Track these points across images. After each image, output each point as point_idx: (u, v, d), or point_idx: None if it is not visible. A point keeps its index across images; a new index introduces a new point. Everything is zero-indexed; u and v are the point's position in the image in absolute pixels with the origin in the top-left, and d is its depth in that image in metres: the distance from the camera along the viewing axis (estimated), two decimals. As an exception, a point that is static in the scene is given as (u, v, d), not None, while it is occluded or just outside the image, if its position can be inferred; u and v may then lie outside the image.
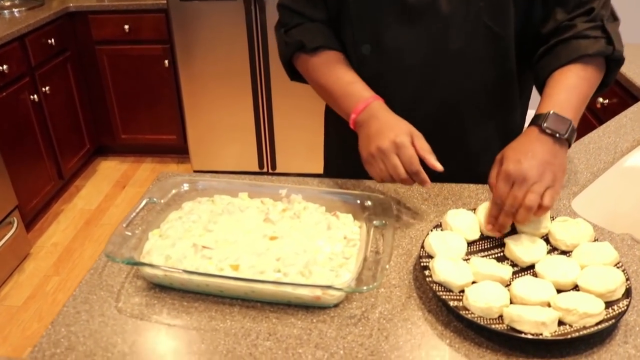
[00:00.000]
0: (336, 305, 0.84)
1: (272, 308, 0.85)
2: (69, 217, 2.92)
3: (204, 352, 0.78)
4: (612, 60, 1.03)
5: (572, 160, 1.25)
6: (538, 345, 0.77)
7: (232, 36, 2.73)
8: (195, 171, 3.16)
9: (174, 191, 1.04)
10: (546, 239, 0.95)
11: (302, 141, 2.98)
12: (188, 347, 0.79)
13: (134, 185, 3.19)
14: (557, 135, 0.93)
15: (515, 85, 1.13)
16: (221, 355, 0.77)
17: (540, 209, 0.89)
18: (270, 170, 3.07)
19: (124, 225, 0.94)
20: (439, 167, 0.95)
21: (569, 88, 0.98)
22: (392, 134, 0.95)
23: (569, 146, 0.96)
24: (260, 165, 3.06)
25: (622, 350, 0.76)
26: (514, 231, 0.96)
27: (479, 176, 1.07)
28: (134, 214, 0.98)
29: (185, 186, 1.05)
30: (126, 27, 2.94)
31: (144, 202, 1.00)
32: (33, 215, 2.76)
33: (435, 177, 0.98)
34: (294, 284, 0.81)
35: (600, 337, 0.78)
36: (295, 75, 1.21)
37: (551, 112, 0.94)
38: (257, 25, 2.69)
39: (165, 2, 2.81)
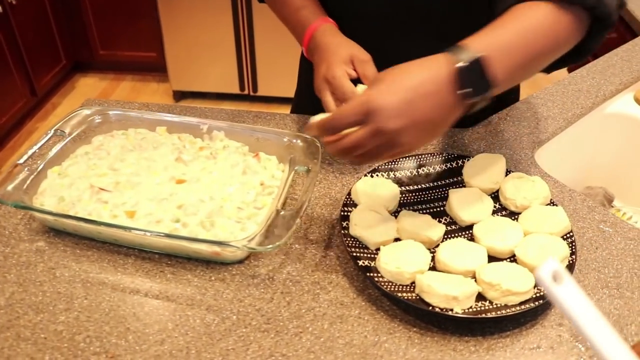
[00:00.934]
0: (241, 262, 0.75)
1: (169, 261, 0.76)
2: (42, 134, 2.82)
3: (85, 309, 0.69)
4: (596, 18, 0.73)
5: (546, 104, 1.12)
6: (453, 321, 0.68)
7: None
8: (174, 91, 3.03)
9: (88, 122, 0.93)
10: (495, 196, 0.84)
11: (284, 63, 2.80)
12: (69, 302, 0.70)
13: (112, 104, 3.07)
14: (465, 91, 0.64)
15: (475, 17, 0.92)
16: (103, 313, 0.69)
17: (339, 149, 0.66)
18: (251, 93, 2.93)
19: (21, 161, 0.83)
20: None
21: (522, 30, 0.69)
22: (323, 70, 0.84)
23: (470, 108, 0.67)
24: (242, 87, 2.92)
25: (554, 334, 0.67)
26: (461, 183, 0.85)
27: None
28: (36, 147, 0.87)
29: (98, 118, 0.93)
30: None
31: (50, 135, 0.90)
32: (4, 133, 2.67)
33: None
34: (187, 238, 0.71)
35: (519, 320, 0.69)
36: None
37: (477, 57, 0.64)
38: None
39: None
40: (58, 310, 0.69)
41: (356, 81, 0.82)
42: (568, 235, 0.75)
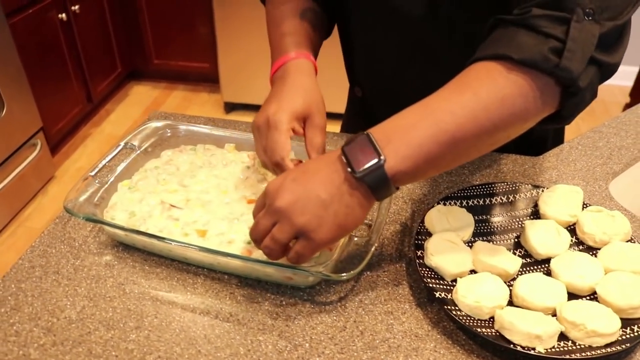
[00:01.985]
0: (312, 287, 0.74)
1: (239, 283, 0.75)
2: (96, 141, 2.89)
3: (156, 328, 0.69)
4: (562, 84, 0.61)
5: (619, 133, 1.08)
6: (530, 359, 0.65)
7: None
8: (225, 102, 3.06)
9: (157, 136, 0.93)
10: (572, 229, 0.81)
11: (336, 76, 2.80)
12: (140, 320, 0.70)
13: (164, 111, 3.11)
14: (349, 168, 0.60)
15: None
16: (173, 333, 0.68)
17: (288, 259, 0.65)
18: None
19: (92, 173, 0.84)
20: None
21: (448, 104, 0.60)
22: (273, 109, 0.74)
23: (374, 197, 0.62)
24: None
25: (639, 381, 0.63)
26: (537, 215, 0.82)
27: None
28: (105, 160, 0.88)
29: (168, 132, 0.94)
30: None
31: (119, 147, 0.90)
32: (60, 138, 2.74)
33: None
34: (261, 262, 0.70)
35: (616, 358, 0.65)
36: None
37: (368, 133, 0.62)
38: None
39: None
40: (129, 327, 0.69)
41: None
42: (654, 275, 0.72)
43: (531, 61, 0.59)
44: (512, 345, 0.63)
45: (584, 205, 0.82)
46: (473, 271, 0.74)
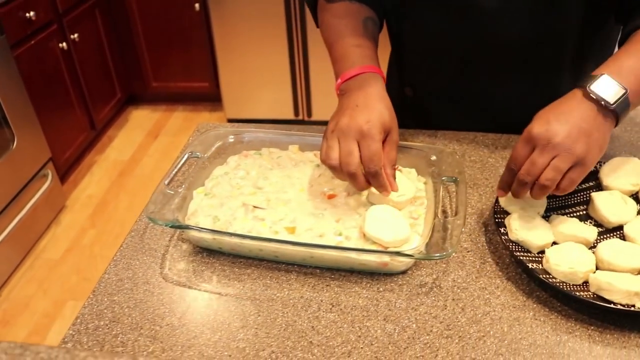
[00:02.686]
0: (404, 272, 0.76)
1: (332, 275, 0.77)
2: (103, 168, 2.89)
3: (262, 325, 0.71)
4: None
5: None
6: (632, 317, 0.68)
7: (265, -24, 2.58)
8: (228, 120, 3.08)
9: (217, 144, 0.95)
10: (635, 197, 0.84)
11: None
12: (243, 319, 0.72)
13: (166, 134, 3.12)
14: (603, 102, 0.73)
15: (568, 54, 0.96)
16: (280, 328, 0.70)
17: (556, 189, 0.73)
18: (306, 118, 2.96)
19: (165, 182, 0.86)
20: (394, 187, 0.79)
21: None
22: (365, 117, 0.79)
23: (617, 123, 0.76)
24: (296, 113, 2.96)
25: None
26: (599, 187, 0.86)
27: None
28: (176, 169, 0.90)
29: (231, 138, 0.96)
30: (154, -32, 2.81)
31: (185, 157, 0.92)
32: (67, 167, 2.73)
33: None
34: (359, 250, 0.73)
35: None
36: None
37: (604, 74, 0.74)
38: (291, -37, 2.53)
39: (194, -59, 2.67)
40: (234, 327, 0.71)
41: None
42: None
43: None
44: (612, 305, 0.66)
45: (645, 174, 0.86)
46: (554, 243, 0.77)
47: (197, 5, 2.87)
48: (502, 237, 0.76)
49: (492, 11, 0.89)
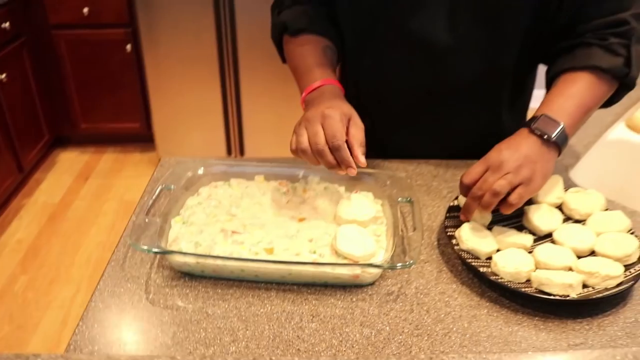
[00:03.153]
0: (372, 284, 0.86)
1: (309, 290, 0.85)
2: (32, 212, 2.81)
3: (251, 338, 0.77)
4: (623, 83, 0.98)
5: (565, 133, 1.30)
6: (567, 306, 0.81)
7: (199, 18, 2.66)
8: (161, 159, 3.08)
9: (187, 176, 1.02)
10: (560, 208, 0.99)
11: (270, 125, 2.96)
12: (233, 334, 0.78)
13: (97, 176, 3.09)
14: (545, 136, 0.89)
15: (508, 84, 1.11)
16: (268, 340, 0.77)
17: (505, 204, 0.87)
18: (238, 156, 3.04)
19: (143, 213, 0.91)
20: (362, 161, 0.87)
21: (571, 94, 0.95)
22: (324, 106, 0.91)
23: (559, 153, 0.93)
24: (229, 151, 3.02)
25: (644, 309, 0.81)
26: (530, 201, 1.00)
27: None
28: (151, 201, 0.95)
29: (200, 170, 1.03)
30: (85, 10, 2.82)
31: (159, 189, 0.98)
32: (-7, 211, 2.65)
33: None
34: (334, 264, 0.82)
35: (622, 297, 0.83)
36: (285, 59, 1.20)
37: (543, 114, 0.92)
38: (224, 6, 2.63)
39: (127, -16, 2.73)
40: (225, 342, 0.77)
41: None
42: (631, 231, 0.91)
43: (614, 69, 0.95)
44: (552, 297, 0.79)
45: (565, 191, 1.01)
46: (498, 250, 0.89)
47: (128, 46, 2.91)
48: (455, 247, 0.88)
49: (445, 50, 1.03)
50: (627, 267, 0.84)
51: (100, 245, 2.58)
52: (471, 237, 0.88)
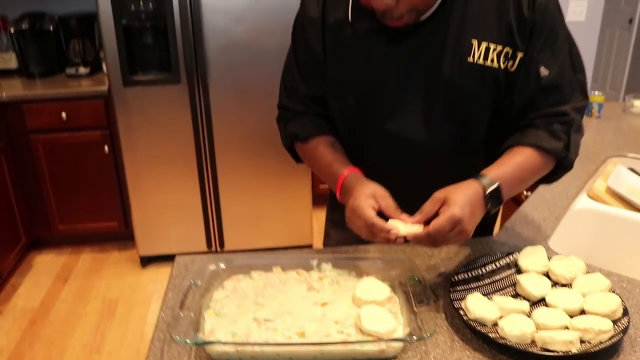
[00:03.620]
0: (394, 357, 0.95)
1: (340, 367, 0.94)
2: (10, 318, 2.77)
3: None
4: (561, 163, 1.16)
5: (537, 209, 1.46)
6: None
7: (176, 118, 2.80)
8: (141, 257, 3.12)
9: (209, 271, 1.11)
10: (547, 275, 1.12)
11: (248, 217, 3.06)
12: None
13: (76, 277, 3.08)
14: (488, 205, 1.05)
15: (479, 168, 1.22)
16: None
17: (435, 244, 1.03)
18: (218, 249, 3.10)
19: (177, 308, 0.99)
20: (404, 218, 1.05)
21: (518, 166, 1.10)
22: (351, 201, 1.08)
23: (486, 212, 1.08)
24: (209, 245, 3.09)
25: (634, 358, 0.93)
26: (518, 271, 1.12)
27: None
28: (182, 296, 1.03)
29: (222, 265, 1.12)
30: (63, 114, 2.92)
31: (187, 285, 1.06)
32: (-27, 320, 2.60)
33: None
34: (362, 342, 0.91)
35: (614, 349, 0.95)
36: (299, 159, 1.36)
37: (497, 185, 1.05)
38: (200, 107, 2.79)
39: (106, 88, 2.85)
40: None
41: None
42: (612, 289, 1.05)
43: (553, 151, 1.13)
44: (556, 354, 0.90)
45: (549, 259, 1.15)
46: (500, 317, 1.01)
47: (106, 147, 3.01)
48: (464, 317, 0.99)
49: (421, 144, 1.19)
50: (615, 321, 0.97)
51: (86, 347, 2.55)
52: (477, 307, 0.99)
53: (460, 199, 1.01)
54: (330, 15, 1.16)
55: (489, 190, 1.05)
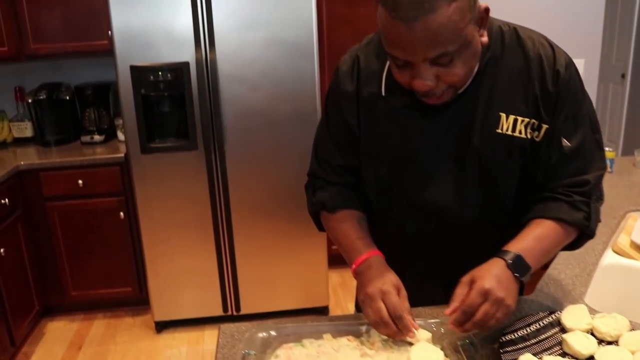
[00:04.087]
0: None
1: None
2: (25, 389, 2.72)
3: None
4: (583, 233, 1.19)
5: (568, 266, 1.49)
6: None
7: (193, 184, 2.85)
8: (156, 322, 3.10)
9: (259, 339, 1.12)
10: (591, 332, 1.14)
11: (264, 281, 3.06)
12: None
13: (90, 345, 3.04)
14: (516, 275, 1.07)
15: (507, 232, 1.25)
16: None
17: (486, 326, 1.04)
18: (234, 313, 3.08)
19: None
20: (415, 325, 1.08)
21: (540, 238, 1.13)
22: (380, 282, 1.11)
23: (521, 286, 1.10)
24: (225, 309, 3.07)
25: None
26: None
27: None
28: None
29: (273, 332, 1.14)
30: (80, 182, 2.97)
31: (242, 354, 1.08)
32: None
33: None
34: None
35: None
36: (322, 227, 1.38)
37: (518, 254, 1.08)
38: (217, 173, 2.84)
39: (122, 155, 2.91)
40: None
41: None
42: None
43: (577, 223, 1.16)
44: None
45: (592, 317, 1.18)
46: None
47: (121, 213, 3.04)
48: (523, 377, 1.01)
49: (453, 212, 1.23)
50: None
51: (104, 418, 2.50)
52: (530, 367, 1.02)
53: (485, 274, 1.06)
54: (364, 90, 1.21)
55: (511, 260, 1.08)
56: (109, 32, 2.66)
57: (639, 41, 4.80)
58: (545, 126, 1.15)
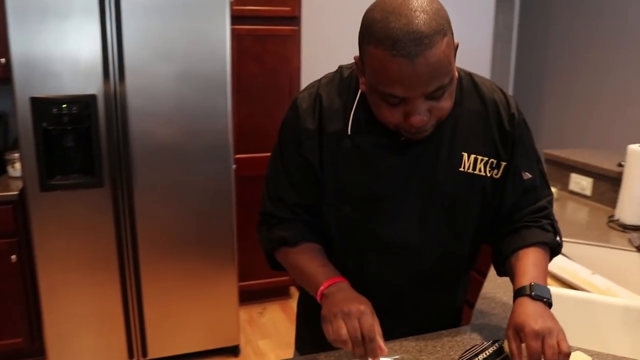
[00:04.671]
0: None
1: None
2: None
3: None
4: (553, 249, 1.30)
5: (497, 294, 1.57)
6: None
7: (98, 224, 2.67)
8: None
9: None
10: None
11: (173, 323, 2.92)
12: None
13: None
14: (545, 299, 1.13)
15: (463, 267, 1.37)
16: None
17: (562, 354, 1.05)
18: (141, 359, 2.89)
19: None
20: (384, 348, 1.06)
21: (536, 264, 1.21)
22: (358, 303, 1.09)
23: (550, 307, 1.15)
24: (130, 355, 2.87)
25: None
26: None
27: None
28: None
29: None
30: (-36, 227, 2.68)
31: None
32: None
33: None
34: None
35: None
36: (276, 265, 1.36)
37: (533, 283, 1.14)
38: (124, 211, 2.69)
39: (15, 193, 2.68)
40: None
41: None
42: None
43: (552, 242, 1.28)
44: None
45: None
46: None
47: (13, 257, 2.77)
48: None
49: (415, 247, 1.26)
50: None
51: None
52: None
53: (525, 318, 1.09)
54: (328, 127, 1.21)
55: (532, 292, 1.13)
56: (4, 59, 2.46)
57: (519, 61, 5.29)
58: (503, 163, 1.25)
